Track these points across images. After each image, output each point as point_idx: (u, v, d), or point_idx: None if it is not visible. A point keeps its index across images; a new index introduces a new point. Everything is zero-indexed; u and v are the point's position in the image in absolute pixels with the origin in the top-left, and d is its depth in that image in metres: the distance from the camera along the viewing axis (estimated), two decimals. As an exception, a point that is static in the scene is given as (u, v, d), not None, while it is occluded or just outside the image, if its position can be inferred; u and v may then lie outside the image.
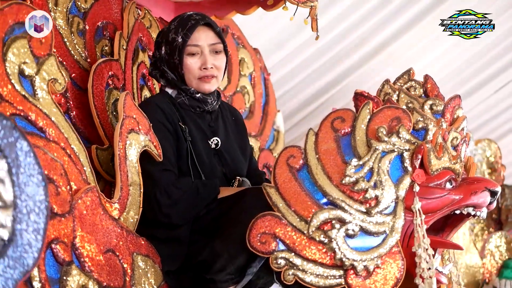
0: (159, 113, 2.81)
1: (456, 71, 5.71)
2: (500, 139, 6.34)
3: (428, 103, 2.67)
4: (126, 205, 2.62)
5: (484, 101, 6.12)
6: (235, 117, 3.15)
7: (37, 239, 1.69)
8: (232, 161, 2.96)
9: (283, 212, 2.54)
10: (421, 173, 2.56)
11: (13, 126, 1.63)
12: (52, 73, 2.44)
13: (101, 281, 2.43)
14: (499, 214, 5.95)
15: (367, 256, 2.51)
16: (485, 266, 5.19)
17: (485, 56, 5.64)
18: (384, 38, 5.23)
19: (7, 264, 1.63)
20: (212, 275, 2.60)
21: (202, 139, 2.88)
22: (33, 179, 1.68)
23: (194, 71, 2.88)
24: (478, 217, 2.64)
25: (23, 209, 1.66)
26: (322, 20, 4.77)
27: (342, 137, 2.59)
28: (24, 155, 1.67)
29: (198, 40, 2.87)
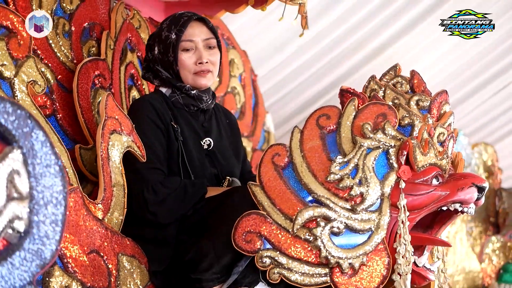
0: (151, 111, 2.80)
1: (454, 74, 5.70)
2: (497, 142, 6.32)
3: (414, 99, 2.64)
4: (110, 206, 2.61)
5: (482, 104, 6.09)
6: (229, 120, 3.14)
7: (55, 230, 1.65)
8: (224, 161, 2.95)
9: (268, 211, 2.52)
10: (407, 170, 2.53)
11: (28, 115, 1.60)
12: (31, 75, 2.44)
13: (85, 282, 2.42)
14: (496, 217, 5.93)
15: (353, 254, 2.48)
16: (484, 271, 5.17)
17: (483, 59, 5.62)
18: (382, 42, 5.22)
19: (23, 257, 1.61)
20: (198, 274, 2.59)
21: (194, 139, 2.86)
22: (50, 170, 1.64)
23: (190, 66, 2.87)
24: (466, 213, 2.61)
25: (40, 201, 1.62)
26: (320, 24, 4.80)
27: (327, 134, 2.57)
28: (40, 144, 1.63)
29: (192, 35, 2.87)
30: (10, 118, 1.57)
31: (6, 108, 1.56)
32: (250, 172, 3.18)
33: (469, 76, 5.76)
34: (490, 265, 5.23)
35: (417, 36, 5.21)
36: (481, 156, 5.88)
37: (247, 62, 4.40)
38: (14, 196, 1.59)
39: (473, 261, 5.09)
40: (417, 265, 2.59)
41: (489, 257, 5.25)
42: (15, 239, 1.60)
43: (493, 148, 5.96)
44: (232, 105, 4.15)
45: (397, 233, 2.50)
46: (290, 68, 5.19)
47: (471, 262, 5.07)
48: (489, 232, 5.76)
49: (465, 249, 4.99)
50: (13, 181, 1.60)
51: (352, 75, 5.37)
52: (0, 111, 1.55)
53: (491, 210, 5.90)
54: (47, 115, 2.87)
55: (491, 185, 5.93)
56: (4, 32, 2.38)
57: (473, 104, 6.02)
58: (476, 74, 5.76)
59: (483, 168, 5.87)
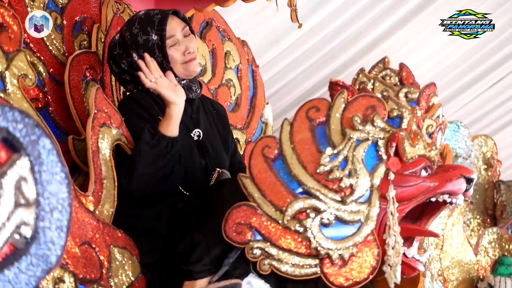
0: (135, 105, 2.83)
1: (450, 67, 5.70)
2: (495, 133, 6.33)
3: (403, 91, 2.67)
4: (100, 198, 2.62)
5: (480, 96, 6.10)
6: (216, 111, 3.15)
7: (61, 236, 1.69)
8: (213, 152, 2.97)
9: (259, 202, 2.54)
10: (396, 161, 2.55)
11: (36, 123, 1.63)
12: (22, 69, 2.44)
13: (77, 274, 2.43)
14: (494, 209, 5.94)
15: (342, 245, 2.51)
16: (479, 263, 5.19)
17: (480, 51, 5.62)
18: (378, 35, 5.23)
19: (30, 262, 1.64)
20: (189, 266, 2.60)
21: (183, 131, 2.87)
22: (56, 177, 1.68)
23: (179, 58, 2.89)
24: (455, 204, 2.64)
25: (46, 207, 1.66)
26: (315, 17, 4.80)
27: (317, 126, 2.58)
28: (46, 153, 1.67)
29: (172, 31, 2.89)
30: (19, 126, 1.60)
31: (14, 116, 1.59)
32: (240, 162, 3.20)
33: (466, 68, 5.77)
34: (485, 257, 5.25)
35: (414, 29, 5.22)
36: (481, 148, 5.89)
37: (244, 53, 4.40)
38: (21, 202, 1.63)
39: (468, 253, 5.10)
40: (406, 256, 2.61)
41: (485, 249, 5.26)
42: (22, 244, 1.63)
43: (493, 141, 5.97)
44: (226, 97, 4.14)
45: (387, 224, 2.53)
46: (287, 60, 5.19)
47: (467, 254, 5.09)
48: (487, 225, 5.78)
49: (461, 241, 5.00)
50: (21, 188, 1.63)
51: (349, 67, 5.37)
52: (9, 119, 1.58)
53: (489, 202, 5.92)
54: (40, 108, 2.89)
55: (490, 178, 5.95)
56: (-6, 26, 2.39)
57: (470, 96, 6.03)
58: (473, 67, 5.77)
59: (483, 161, 5.89)
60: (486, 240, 5.30)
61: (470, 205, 5.64)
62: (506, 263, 5.16)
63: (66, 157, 2.80)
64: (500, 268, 5.14)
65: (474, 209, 5.81)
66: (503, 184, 5.94)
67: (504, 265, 5.16)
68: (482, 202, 5.85)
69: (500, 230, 5.46)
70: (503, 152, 6.34)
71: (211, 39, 4.04)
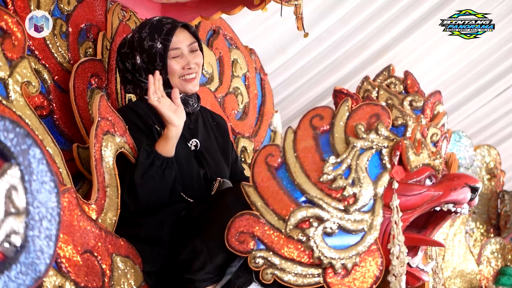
0: (132, 114, 2.84)
1: (456, 76, 5.67)
2: (499, 144, 6.29)
3: (407, 99, 2.65)
4: (103, 207, 2.62)
5: (485, 106, 6.07)
6: (216, 123, 3.16)
7: (49, 245, 1.70)
8: (212, 162, 2.95)
9: (261, 211, 2.53)
10: (400, 170, 2.53)
11: (26, 133, 1.64)
12: (25, 76, 2.44)
13: (78, 282, 2.42)
14: (498, 219, 5.91)
15: (346, 254, 2.49)
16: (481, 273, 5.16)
17: (486, 60, 5.59)
18: (384, 43, 5.20)
19: (19, 270, 1.65)
20: (191, 274, 2.59)
21: (180, 141, 2.87)
22: (46, 186, 1.69)
23: (178, 71, 2.90)
24: (460, 213, 2.61)
25: (36, 216, 1.67)
26: (322, 25, 4.79)
27: (320, 135, 2.57)
28: (36, 162, 1.68)
29: (178, 43, 2.90)
30: (10, 135, 1.61)
31: (6, 125, 1.59)
32: (242, 173, 3.20)
33: (472, 77, 5.74)
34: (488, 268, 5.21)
35: (420, 37, 5.20)
36: (484, 158, 5.86)
37: (252, 61, 4.39)
38: (12, 211, 1.63)
39: (470, 263, 5.07)
40: (410, 266, 2.59)
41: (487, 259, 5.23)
42: (12, 253, 1.64)
43: (496, 151, 5.93)
44: (233, 105, 4.14)
45: (391, 234, 2.51)
46: (293, 68, 5.18)
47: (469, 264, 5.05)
48: (490, 234, 5.74)
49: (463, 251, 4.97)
50: (11, 196, 1.63)
51: (356, 75, 5.35)
52: (0, 129, 1.58)
53: (492, 212, 5.88)
54: (44, 116, 2.90)
55: (493, 188, 5.91)
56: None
57: (475, 106, 6.00)
58: (479, 76, 5.74)
59: (486, 171, 5.85)
60: (489, 250, 5.26)
61: (473, 214, 5.61)
62: (508, 273, 5.12)
63: (71, 165, 2.80)
64: (503, 278, 5.11)
65: (477, 219, 5.77)
66: (507, 194, 5.91)
67: (506, 275, 5.13)
68: (485, 212, 5.81)
69: (503, 240, 5.43)
70: (508, 162, 6.31)
71: (218, 47, 4.04)
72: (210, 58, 3.95)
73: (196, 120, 3.01)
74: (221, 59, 4.07)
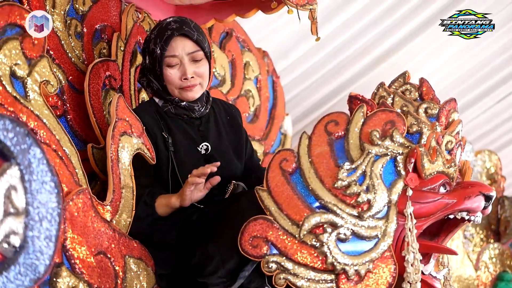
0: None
1: (458, 81, 5.69)
2: (501, 149, 6.30)
3: (422, 106, 2.65)
4: (118, 208, 2.62)
5: (486, 111, 6.08)
6: (230, 116, 3.10)
7: (49, 246, 1.69)
8: (224, 163, 2.91)
9: (275, 216, 2.53)
10: (414, 177, 2.53)
11: (26, 132, 1.63)
12: (44, 75, 2.45)
13: (91, 283, 2.43)
14: (497, 225, 5.91)
15: (359, 261, 2.49)
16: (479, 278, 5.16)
17: (488, 66, 5.60)
18: (389, 46, 5.22)
19: (18, 271, 1.65)
20: (204, 278, 2.59)
21: (190, 146, 2.86)
22: (46, 186, 1.68)
23: (175, 81, 2.86)
24: (473, 222, 2.61)
25: (35, 216, 1.67)
26: (328, 27, 4.80)
27: (335, 141, 2.57)
28: (37, 162, 1.67)
29: (175, 51, 2.84)
30: (9, 135, 1.60)
31: (5, 125, 1.58)
32: (258, 166, 3.15)
33: (474, 83, 5.74)
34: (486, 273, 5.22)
35: (422, 42, 5.21)
36: (484, 163, 5.86)
37: (264, 64, 4.40)
38: (11, 211, 1.62)
39: (468, 268, 5.08)
40: (423, 273, 2.59)
41: (485, 264, 5.23)
42: (11, 253, 1.63)
43: (497, 156, 5.93)
44: (244, 108, 4.14)
45: (405, 241, 2.51)
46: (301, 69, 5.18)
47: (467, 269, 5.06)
48: (490, 240, 5.75)
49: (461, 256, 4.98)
50: (10, 196, 1.63)
51: (359, 79, 5.37)
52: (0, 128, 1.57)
53: (492, 217, 5.88)
54: (58, 116, 2.88)
55: (493, 193, 5.90)
56: (19, 31, 2.39)
57: (477, 111, 6.00)
58: (481, 81, 5.75)
59: (486, 176, 5.86)
60: (487, 256, 5.27)
61: (473, 220, 5.60)
62: (506, 279, 5.12)
63: (85, 165, 2.79)
64: (500, 284, 5.11)
65: (477, 224, 5.77)
66: (507, 200, 5.91)
67: (504, 281, 5.13)
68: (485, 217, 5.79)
69: (502, 246, 5.43)
70: (509, 167, 6.31)
71: (231, 50, 4.04)
72: (222, 61, 3.95)
73: (207, 121, 2.98)
74: (234, 62, 4.07)
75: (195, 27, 2.90)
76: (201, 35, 2.89)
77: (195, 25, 2.91)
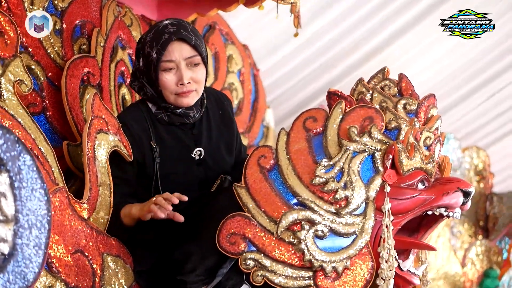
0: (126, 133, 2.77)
1: (448, 78, 5.68)
2: (490, 146, 6.30)
3: (401, 102, 2.64)
4: (95, 206, 2.61)
5: (476, 108, 6.08)
6: (222, 110, 3.03)
7: (38, 254, 1.69)
8: (216, 166, 2.90)
9: (253, 213, 2.53)
10: (393, 174, 2.53)
11: (16, 139, 1.62)
12: (18, 75, 2.44)
13: (68, 282, 2.42)
14: (486, 221, 5.92)
15: (336, 257, 2.48)
16: (466, 275, 5.17)
17: (478, 62, 5.59)
18: (378, 43, 5.21)
19: (7, 279, 1.64)
20: (183, 276, 2.59)
21: (182, 153, 2.83)
22: (36, 194, 1.68)
23: (171, 87, 2.77)
24: (452, 218, 2.61)
25: (25, 224, 1.66)
26: (317, 23, 4.79)
27: (313, 137, 2.56)
28: (27, 169, 1.67)
29: (172, 55, 2.74)
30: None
31: None
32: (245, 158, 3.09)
33: (464, 79, 5.74)
34: (472, 270, 5.24)
35: (412, 39, 5.20)
36: (472, 160, 5.87)
37: (247, 57, 4.39)
38: (0, 218, 1.61)
39: (454, 265, 5.09)
40: (401, 269, 2.59)
41: (472, 261, 5.25)
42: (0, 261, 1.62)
43: (485, 152, 5.94)
44: (228, 101, 4.14)
45: (381, 237, 2.50)
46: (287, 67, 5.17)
47: (453, 266, 5.07)
48: (478, 236, 5.77)
49: (447, 253, 4.99)
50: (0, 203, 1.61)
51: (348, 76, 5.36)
52: None
53: (481, 214, 5.90)
54: (37, 113, 2.88)
55: (482, 190, 5.92)
56: (-9, 31, 2.39)
57: (467, 108, 6.00)
58: (471, 77, 5.74)
59: (474, 172, 5.87)
60: (474, 252, 5.28)
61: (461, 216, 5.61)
62: (492, 275, 5.14)
63: (62, 162, 2.79)
64: (486, 281, 5.13)
65: (465, 221, 5.79)
66: (496, 196, 5.92)
67: (490, 278, 5.14)
68: (473, 214, 5.83)
69: (489, 243, 5.44)
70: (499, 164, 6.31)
71: (214, 43, 4.03)
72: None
73: (200, 121, 2.91)
74: (217, 55, 4.07)
75: (193, 30, 2.81)
76: (198, 39, 2.81)
77: (192, 29, 2.81)
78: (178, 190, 2.65)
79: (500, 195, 5.91)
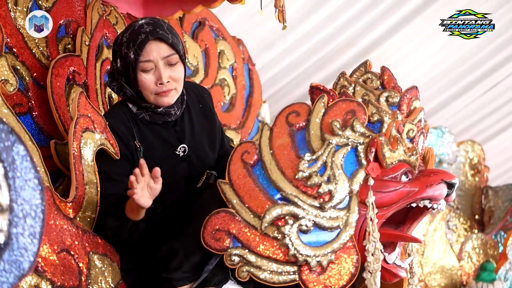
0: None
1: (444, 73, 5.69)
2: (486, 141, 6.30)
3: (384, 95, 2.64)
4: (82, 205, 2.62)
5: (472, 103, 6.07)
6: (202, 104, 3.01)
7: (33, 243, 1.69)
8: (200, 161, 2.90)
9: (237, 209, 2.53)
10: (376, 167, 2.53)
11: (10, 130, 1.63)
12: (2, 74, 2.45)
13: (54, 281, 2.43)
14: (481, 215, 5.92)
15: (321, 252, 2.49)
16: (462, 268, 5.18)
17: (473, 58, 5.59)
18: (373, 39, 5.22)
19: (2, 268, 1.64)
20: (169, 273, 2.59)
21: (166, 151, 2.83)
22: (30, 183, 1.68)
23: (150, 87, 2.75)
24: (436, 209, 2.61)
25: (19, 213, 1.66)
26: (311, 21, 4.79)
27: (296, 132, 2.57)
28: (20, 159, 1.67)
29: (150, 56, 2.72)
30: None
31: None
32: (228, 149, 3.07)
33: (459, 75, 5.74)
34: (469, 263, 5.24)
35: (407, 35, 5.21)
36: (467, 153, 5.87)
37: (240, 52, 4.37)
38: None
39: (451, 258, 5.09)
40: (387, 262, 2.59)
41: (468, 254, 5.25)
42: None
43: (480, 146, 5.94)
44: (219, 97, 4.12)
45: (366, 230, 2.51)
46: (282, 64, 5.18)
47: (450, 259, 5.08)
48: (474, 230, 5.77)
49: (443, 246, 4.99)
50: None
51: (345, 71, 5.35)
52: None
53: (476, 208, 5.90)
54: (23, 113, 2.89)
55: (477, 183, 5.92)
56: (-25, 32, 2.40)
57: (462, 103, 6.00)
58: (466, 73, 5.75)
59: (469, 166, 5.87)
60: (470, 246, 5.28)
61: (457, 210, 5.62)
62: (489, 269, 5.13)
63: (49, 162, 2.80)
64: (483, 274, 5.13)
65: (461, 215, 5.79)
66: (491, 190, 5.92)
67: (486, 271, 5.14)
68: (469, 208, 5.83)
69: (485, 236, 5.44)
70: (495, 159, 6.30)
71: (204, 39, 4.02)
72: (195, 50, 3.93)
73: (181, 118, 2.90)
74: (207, 51, 4.06)
75: (169, 29, 2.79)
76: (175, 37, 2.79)
77: (168, 27, 2.80)
78: (163, 188, 2.63)
79: (495, 188, 5.91)
